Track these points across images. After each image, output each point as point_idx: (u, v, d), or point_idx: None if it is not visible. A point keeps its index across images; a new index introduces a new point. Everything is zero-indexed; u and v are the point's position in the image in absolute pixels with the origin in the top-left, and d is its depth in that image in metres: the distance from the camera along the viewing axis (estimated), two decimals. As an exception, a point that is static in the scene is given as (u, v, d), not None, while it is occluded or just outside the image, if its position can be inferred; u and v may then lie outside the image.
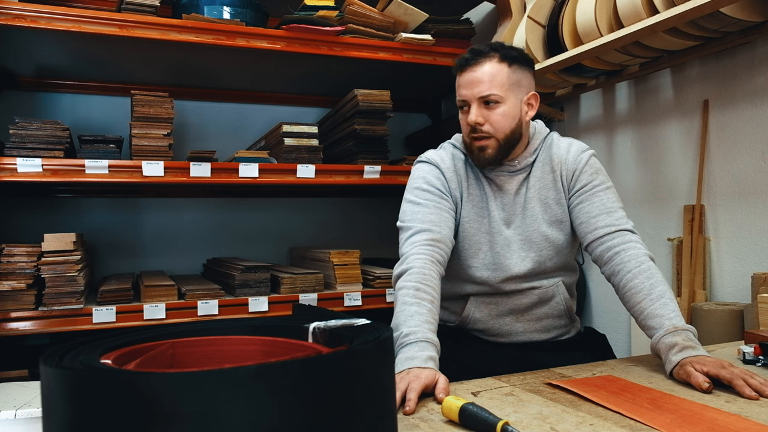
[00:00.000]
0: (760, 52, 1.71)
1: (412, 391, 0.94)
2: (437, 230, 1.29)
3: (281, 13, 2.10)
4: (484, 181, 1.38)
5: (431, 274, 1.22)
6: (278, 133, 2.18)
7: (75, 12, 1.81)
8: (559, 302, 1.39)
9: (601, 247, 1.29)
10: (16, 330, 1.78)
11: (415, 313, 1.13)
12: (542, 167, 1.38)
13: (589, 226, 1.32)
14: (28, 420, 1.00)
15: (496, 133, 1.30)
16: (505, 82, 1.30)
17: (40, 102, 2.44)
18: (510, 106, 1.31)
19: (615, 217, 1.30)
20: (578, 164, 1.36)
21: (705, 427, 0.81)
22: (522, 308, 1.37)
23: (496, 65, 1.30)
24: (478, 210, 1.37)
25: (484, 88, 1.29)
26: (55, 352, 0.60)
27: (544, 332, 1.40)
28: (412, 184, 1.38)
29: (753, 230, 1.73)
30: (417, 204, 1.33)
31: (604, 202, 1.32)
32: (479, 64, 1.30)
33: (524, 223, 1.36)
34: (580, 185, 1.35)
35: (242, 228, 2.73)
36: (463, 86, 1.32)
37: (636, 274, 1.21)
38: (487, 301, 1.38)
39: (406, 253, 1.27)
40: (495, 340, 1.40)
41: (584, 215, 1.33)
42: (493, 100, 1.29)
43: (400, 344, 1.09)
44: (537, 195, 1.37)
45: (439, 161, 1.39)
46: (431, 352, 1.07)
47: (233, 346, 0.75)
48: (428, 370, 1.02)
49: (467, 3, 2.63)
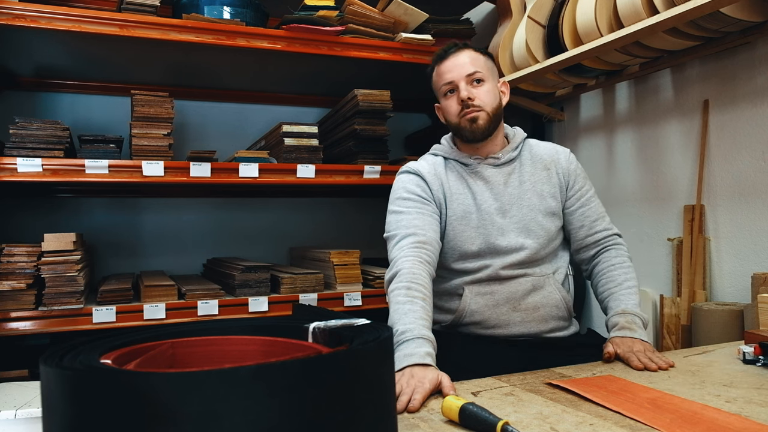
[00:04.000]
0: (760, 52, 1.71)
1: (418, 393, 0.97)
2: (422, 233, 1.35)
3: (281, 13, 2.10)
4: (469, 178, 1.45)
5: (420, 273, 1.27)
6: (278, 133, 2.18)
7: (75, 12, 1.81)
8: (552, 291, 1.41)
9: (596, 247, 1.47)
10: (16, 330, 1.78)
11: (408, 311, 1.17)
12: (532, 164, 1.48)
13: (590, 230, 1.46)
14: (28, 420, 1.00)
15: (485, 106, 1.41)
16: (483, 65, 1.44)
17: (40, 102, 2.44)
18: (491, 86, 1.44)
19: (607, 221, 1.49)
20: (570, 165, 1.49)
21: (705, 427, 0.81)
22: (517, 296, 1.39)
23: (473, 53, 1.45)
24: (466, 206, 1.43)
25: (470, 67, 1.41)
26: (55, 352, 0.60)
27: (542, 322, 1.40)
28: (394, 196, 1.46)
29: (753, 230, 1.73)
30: (400, 213, 1.41)
31: (597, 209, 1.49)
32: (459, 51, 1.44)
33: (521, 212, 1.43)
34: (578, 187, 1.48)
35: (242, 228, 2.73)
36: (447, 71, 1.43)
37: (617, 266, 1.43)
38: (482, 291, 1.40)
39: (394, 257, 1.33)
40: (493, 332, 1.39)
41: (585, 219, 1.47)
42: (477, 78, 1.41)
43: (397, 342, 1.12)
44: (532, 188, 1.45)
45: (419, 168, 1.47)
46: (428, 348, 1.10)
47: (233, 346, 0.75)
48: (431, 372, 1.04)
49: (467, 3, 2.63)
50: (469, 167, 1.46)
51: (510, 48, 2.15)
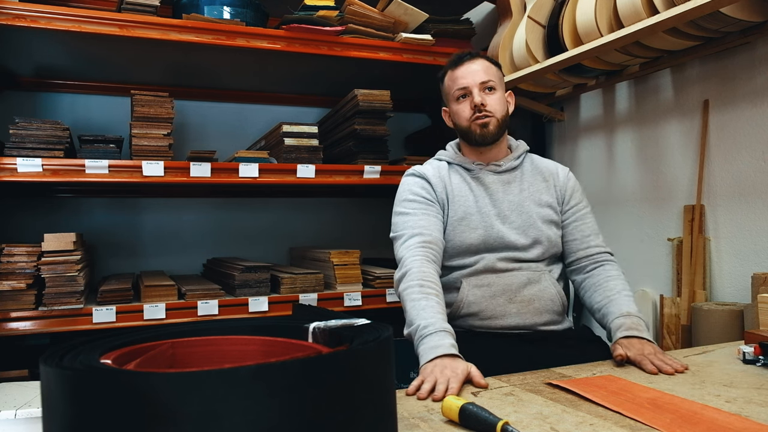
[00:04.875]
0: (760, 52, 1.71)
1: (454, 382, 1.02)
2: (428, 233, 1.41)
3: (281, 13, 2.10)
4: (471, 182, 1.51)
5: (430, 271, 1.33)
6: (278, 133, 2.18)
7: (75, 12, 1.81)
8: (548, 286, 1.45)
9: (589, 262, 1.49)
10: (16, 330, 1.78)
11: (426, 307, 1.23)
12: (532, 175, 1.54)
13: (582, 244, 1.50)
14: (28, 420, 1.00)
15: (496, 113, 1.48)
16: (495, 75, 1.51)
17: (40, 102, 2.44)
18: (501, 95, 1.51)
19: (601, 239, 1.53)
20: (569, 181, 1.56)
21: (705, 427, 0.81)
22: (513, 288, 1.43)
23: (486, 62, 1.52)
24: (466, 207, 1.47)
25: (484, 75, 1.48)
26: (55, 352, 0.60)
27: (537, 315, 1.43)
28: (400, 197, 1.51)
29: (753, 230, 1.73)
30: (406, 214, 1.46)
31: (592, 226, 1.53)
32: (474, 60, 1.50)
33: (520, 218, 1.48)
34: (575, 202, 1.53)
35: (242, 228, 2.73)
36: (462, 77, 1.49)
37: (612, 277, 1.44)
38: (479, 282, 1.44)
39: (402, 257, 1.38)
40: (489, 323, 1.42)
41: (578, 233, 1.51)
42: (490, 86, 1.48)
43: (420, 336, 1.18)
44: (531, 196, 1.50)
45: (423, 171, 1.53)
46: (452, 340, 1.17)
47: (233, 346, 0.75)
48: (461, 363, 1.09)
49: (467, 3, 2.63)
50: (471, 172, 1.51)
51: (510, 48, 2.15)
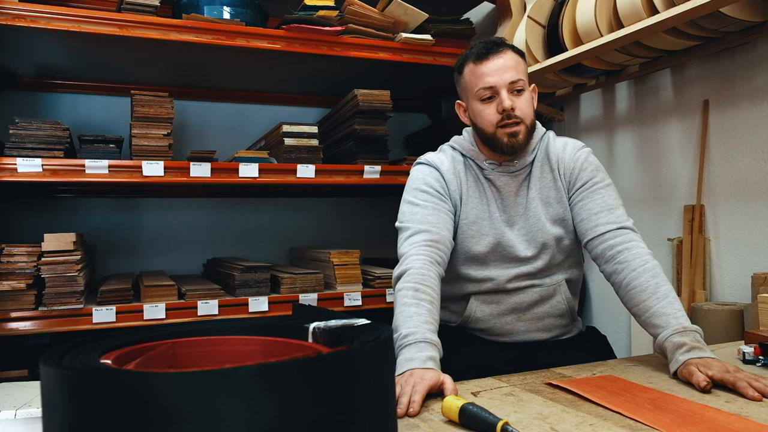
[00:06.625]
0: (760, 52, 1.71)
1: (417, 393, 0.94)
2: (436, 231, 1.29)
3: (281, 13, 2.10)
4: (485, 182, 1.39)
5: (430, 274, 1.22)
6: (278, 133, 2.18)
7: (75, 12, 1.81)
8: (560, 301, 1.39)
9: (603, 245, 1.28)
10: (16, 330, 1.78)
11: (414, 314, 1.13)
12: (541, 166, 1.39)
13: (590, 223, 1.31)
14: (28, 420, 1.00)
15: (525, 118, 1.31)
16: (524, 71, 1.32)
17: (40, 102, 2.44)
18: (529, 95, 1.33)
19: (616, 215, 1.30)
20: (576, 162, 1.38)
21: (705, 427, 0.81)
22: (523, 307, 1.37)
23: (515, 55, 1.32)
24: (478, 212, 1.38)
25: (514, 74, 1.29)
26: (55, 352, 0.60)
27: (545, 331, 1.40)
28: (411, 185, 1.39)
29: (753, 230, 1.73)
30: (416, 205, 1.34)
31: (605, 199, 1.32)
32: (502, 52, 1.30)
33: (528, 223, 1.37)
34: (581, 183, 1.36)
35: (242, 228, 2.73)
36: (489, 74, 1.29)
37: (641, 272, 1.20)
38: (488, 300, 1.38)
39: (405, 253, 1.27)
40: (496, 339, 1.40)
41: (585, 212, 1.33)
42: (520, 86, 1.30)
43: (400, 346, 1.09)
44: (538, 195, 1.38)
45: (439, 163, 1.40)
46: (430, 352, 1.07)
47: (233, 346, 0.75)
48: (431, 372, 1.01)
49: (467, 3, 2.63)
50: (484, 171, 1.39)
51: (510, 48, 2.15)
